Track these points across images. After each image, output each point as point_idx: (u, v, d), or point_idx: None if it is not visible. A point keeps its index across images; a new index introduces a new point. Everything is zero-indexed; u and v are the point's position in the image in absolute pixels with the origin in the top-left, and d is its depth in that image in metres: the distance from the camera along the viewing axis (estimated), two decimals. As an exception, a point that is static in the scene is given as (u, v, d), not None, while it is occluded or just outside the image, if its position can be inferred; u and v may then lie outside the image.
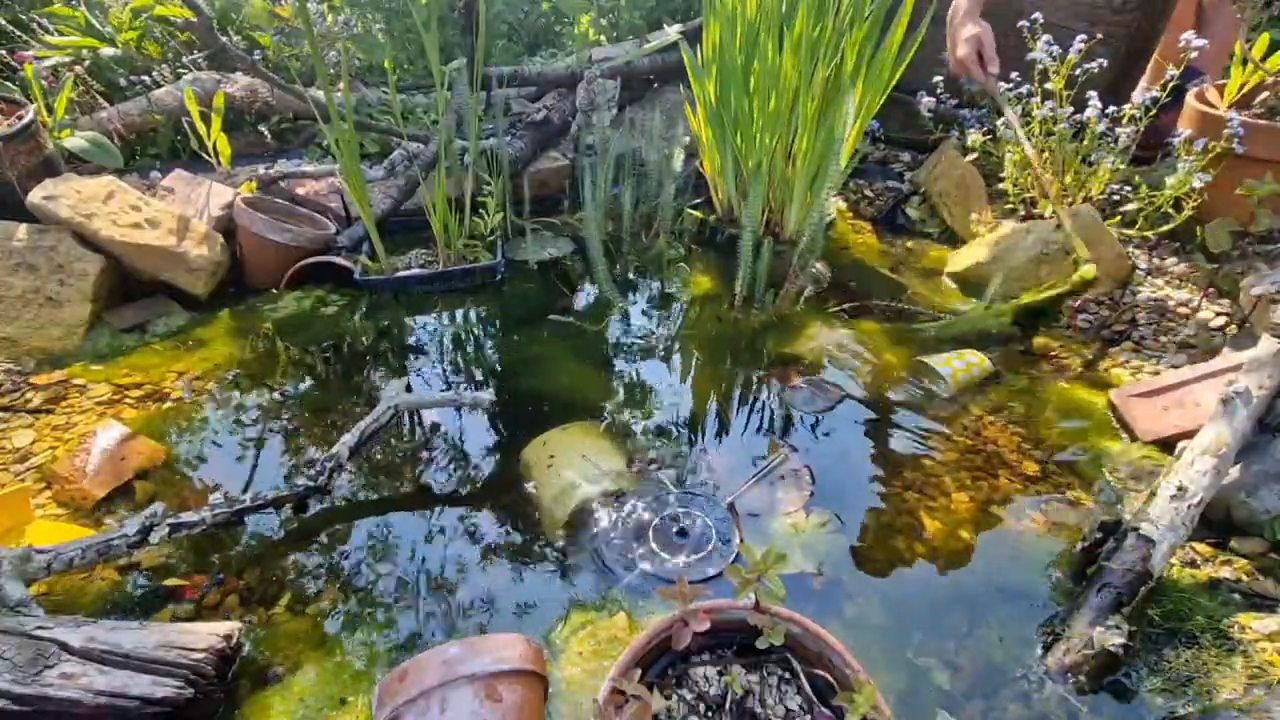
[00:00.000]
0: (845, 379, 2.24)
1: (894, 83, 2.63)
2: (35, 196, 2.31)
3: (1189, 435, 1.77)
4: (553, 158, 3.23)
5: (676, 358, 2.38)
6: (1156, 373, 2.17)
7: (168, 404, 2.10)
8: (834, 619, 1.53)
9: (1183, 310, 2.39)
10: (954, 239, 2.98)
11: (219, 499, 1.65)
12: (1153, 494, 1.64)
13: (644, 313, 2.62)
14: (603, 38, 3.97)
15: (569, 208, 3.18)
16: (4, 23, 3.13)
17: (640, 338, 2.47)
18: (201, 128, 2.86)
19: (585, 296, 2.67)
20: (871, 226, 3.14)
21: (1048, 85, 2.65)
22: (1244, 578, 1.58)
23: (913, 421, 2.08)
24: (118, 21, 3.24)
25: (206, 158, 2.97)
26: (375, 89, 3.53)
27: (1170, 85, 2.50)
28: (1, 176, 2.42)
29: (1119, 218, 2.67)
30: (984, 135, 2.95)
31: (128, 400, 2.10)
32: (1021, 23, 2.74)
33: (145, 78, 3.22)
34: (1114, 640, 1.38)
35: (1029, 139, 2.65)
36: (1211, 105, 2.66)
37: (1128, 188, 2.65)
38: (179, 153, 3.18)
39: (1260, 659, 1.39)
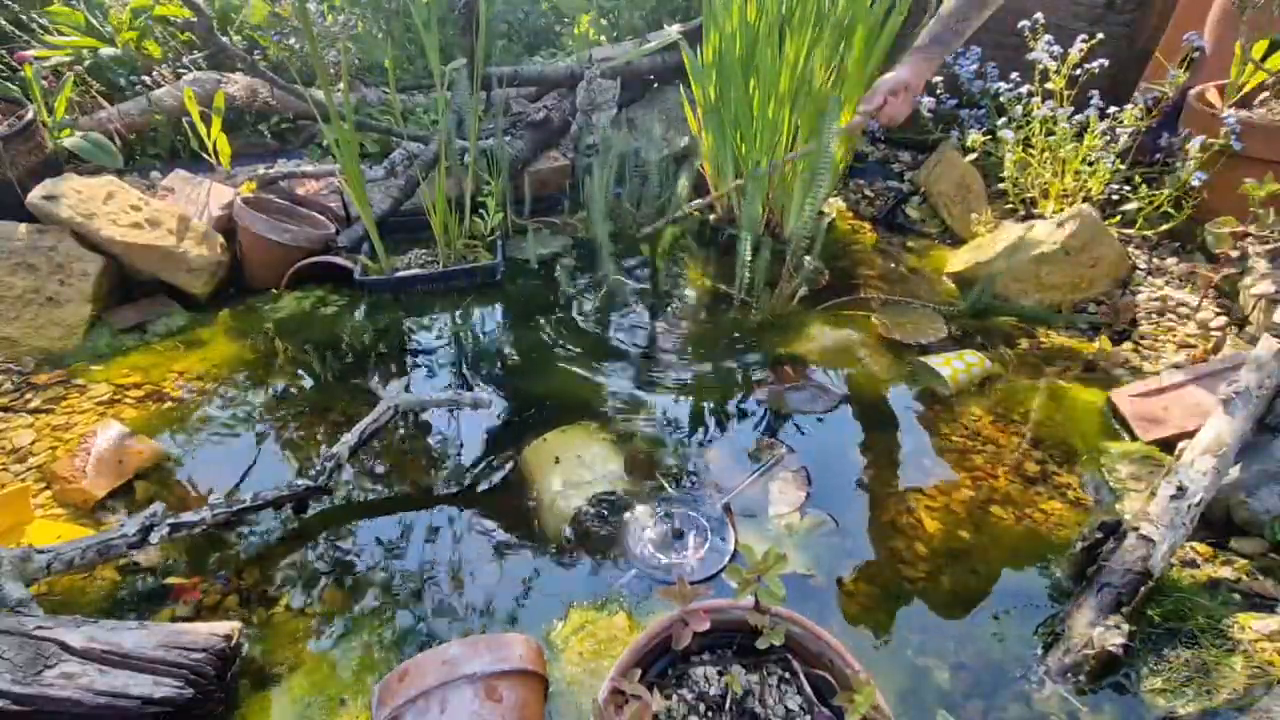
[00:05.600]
0: (845, 379, 2.24)
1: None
2: (35, 196, 2.31)
3: (1189, 435, 1.77)
4: (553, 158, 3.23)
5: (676, 358, 2.38)
6: (1156, 373, 2.17)
7: (168, 404, 2.10)
8: (834, 619, 1.53)
9: (1183, 310, 2.39)
10: (954, 239, 2.98)
11: (219, 499, 1.64)
12: (1153, 494, 1.64)
13: (643, 313, 2.62)
14: (603, 38, 3.97)
15: (569, 207, 3.18)
16: (4, 23, 3.12)
17: (640, 338, 2.47)
18: (201, 128, 2.86)
19: (585, 296, 2.67)
20: (871, 226, 3.14)
21: (1048, 85, 2.65)
22: (1244, 578, 1.58)
23: (912, 422, 2.08)
24: (118, 21, 3.24)
25: (206, 158, 2.97)
26: (375, 89, 3.53)
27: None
28: (2, 176, 2.42)
29: (1119, 217, 2.68)
30: (984, 136, 2.95)
31: (128, 400, 2.10)
32: (1022, 23, 2.75)
33: (145, 78, 3.22)
34: (1114, 640, 1.38)
35: (1029, 139, 2.65)
36: (1211, 105, 2.66)
37: (1127, 187, 2.66)
38: (179, 153, 3.18)
39: (1260, 659, 1.39)
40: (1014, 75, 2.77)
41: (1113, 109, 2.58)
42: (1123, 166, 2.61)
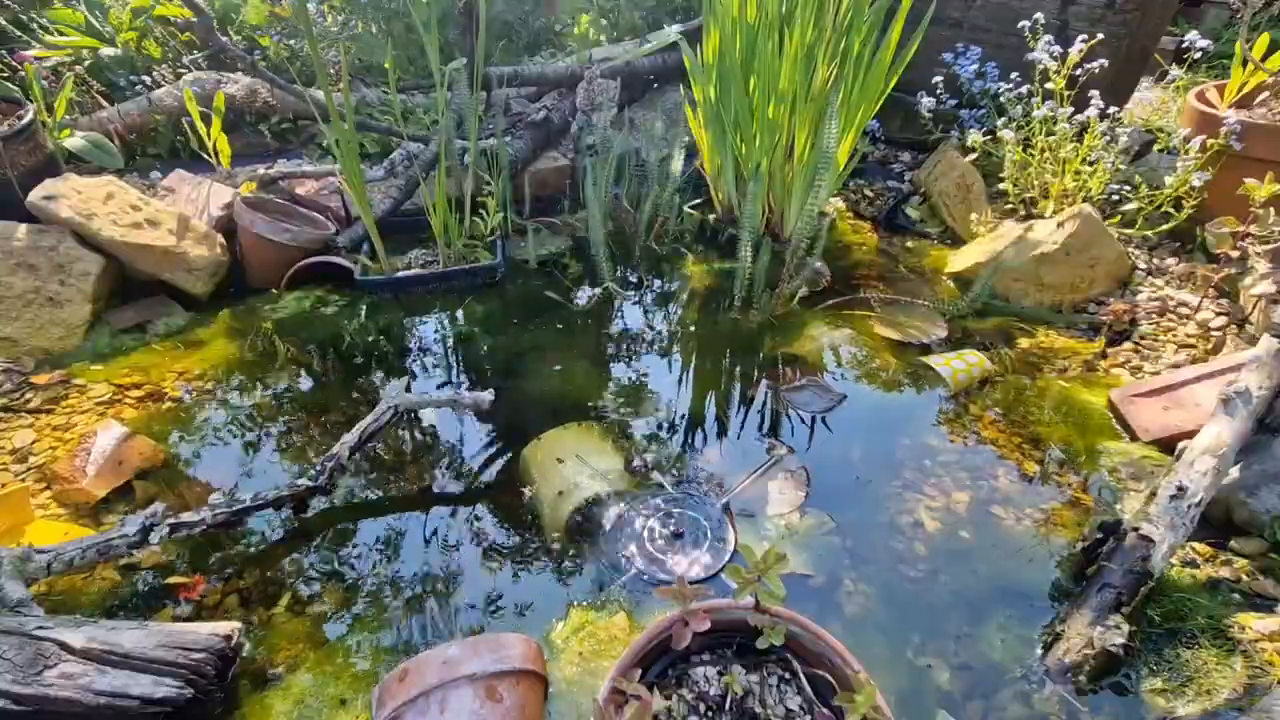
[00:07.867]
0: (845, 379, 2.24)
1: (893, 83, 2.63)
2: (35, 196, 2.31)
3: (1189, 435, 1.77)
4: (553, 158, 3.23)
5: (676, 358, 2.38)
6: (1156, 373, 2.17)
7: (168, 404, 2.10)
8: (834, 619, 1.53)
9: (1183, 310, 2.39)
10: (954, 239, 2.98)
11: (219, 499, 1.64)
12: (1153, 494, 1.64)
13: (644, 313, 2.62)
14: (603, 38, 3.97)
15: (569, 207, 3.18)
16: (4, 23, 3.12)
17: (640, 338, 2.47)
18: (201, 128, 2.86)
19: (585, 297, 2.67)
20: (871, 226, 3.14)
21: (1048, 85, 2.65)
22: (1244, 578, 1.57)
23: (912, 421, 2.08)
24: (118, 21, 3.24)
25: (206, 158, 2.97)
26: (375, 89, 3.53)
27: None
28: (2, 176, 2.42)
29: (1119, 217, 2.68)
30: (984, 136, 2.95)
31: (128, 400, 2.10)
32: (1022, 23, 2.74)
33: (145, 78, 3.22)
34: (1114, 640, 1.38)
35: (1029, 139, 2.65)
36: (1211, 105, 2.66)
37: (1127, 187, 2.66)
38: (179, 153, 3.18)
39: (1260, 659, 1.39)
40: (1014, 75, 2.77)
41: (1113, 109, 2.58)
42: (1123, 166, 2.61)
